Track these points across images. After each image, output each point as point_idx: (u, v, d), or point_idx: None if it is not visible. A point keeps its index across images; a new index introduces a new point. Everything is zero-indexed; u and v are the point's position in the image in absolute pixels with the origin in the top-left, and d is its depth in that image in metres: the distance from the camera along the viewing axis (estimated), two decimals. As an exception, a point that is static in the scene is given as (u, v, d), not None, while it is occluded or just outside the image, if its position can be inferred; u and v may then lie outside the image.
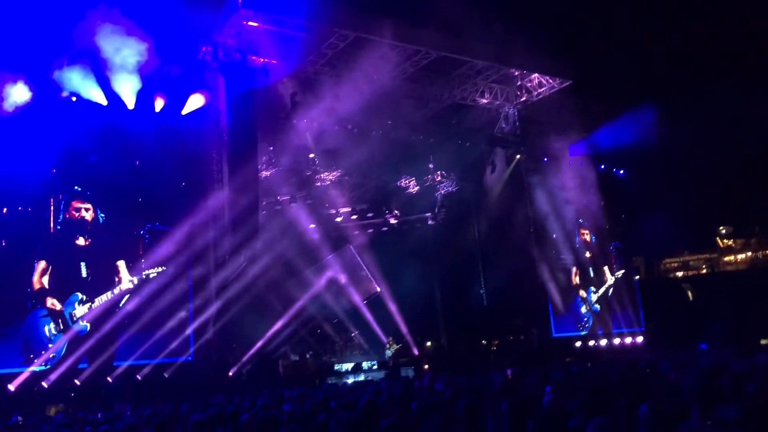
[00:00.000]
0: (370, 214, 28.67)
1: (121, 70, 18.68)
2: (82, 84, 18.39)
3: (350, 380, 21.56)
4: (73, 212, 18.24)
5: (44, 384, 16.66)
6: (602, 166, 30.30)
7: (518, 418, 4.17)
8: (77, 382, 17.12)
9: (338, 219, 27.57)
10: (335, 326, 27.12)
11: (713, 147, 27.34)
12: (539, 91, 26.57)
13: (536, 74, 26.15)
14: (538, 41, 23.94)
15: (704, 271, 39.83)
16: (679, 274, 39.34)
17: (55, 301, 17.61)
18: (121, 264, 18.77)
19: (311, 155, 24.84)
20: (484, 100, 26.62)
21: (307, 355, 25.17)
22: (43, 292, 17.51)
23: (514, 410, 4.26)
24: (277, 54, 21.26)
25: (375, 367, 24.09)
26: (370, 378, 21.38)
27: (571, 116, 27.98)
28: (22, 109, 17.37)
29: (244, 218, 19.97)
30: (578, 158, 28.66)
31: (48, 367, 16.97)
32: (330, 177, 26.11)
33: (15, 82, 17.40)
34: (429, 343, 28.72)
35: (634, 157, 29.00)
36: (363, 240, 28.21)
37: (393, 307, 26.44)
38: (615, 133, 28.03)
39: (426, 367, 23.75)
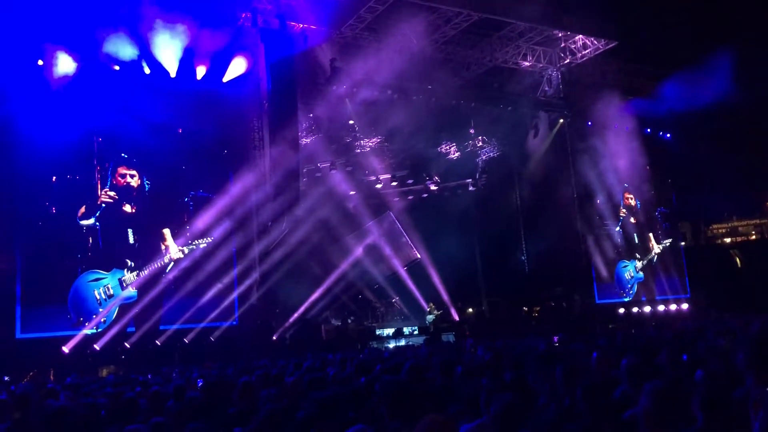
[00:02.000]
0: (410, 181, 28.56)
1: (162, 39, 18.87)
2: (125, 53, 18.61)
3: (391, 345, 21.78)
4: (119, 178, 18.62)
5: (96, 347, 17.23)
6: (648, 130, 29.54)
7: (569, 383, 4.14)
8: (127, 345, 17.66)
9: (378, 185, 27.55)
10: (376, 292, 27.31)
11: (763, 108, 26.36)
12: (583, 53, 25.87)
13: (580, 35, 25.42)
14: (583, 1, 23.26)
15: (753, 237, 38.72)
16: (727, 240, 38.35)
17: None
18: (167, 232, 19.15)
19: (351, 121, 24.76)
20: (527, 63, 26.06)
21: (349, 320, 25.46)
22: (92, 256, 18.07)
23: (567, 375, 4.23)
24: (315, 19, 21.12)
25: (416, 332, 24.25)
26: (411, 343, 21.56)
27: (616, 79, 27.29)
28: (68, 80, 17.71)
29: (286, 185, 20.15)
30: (623, 121, 27.96)
31: (99, 330, 17.53)
32: (370, 143, 26.04)
33: (60, 53, 17.70)
34: (470, 310, 28.74)
35: (681, 119, 28.15)
36: (403, 206, 28.20)
37: (433, 274, 26.47)
38: (661, 95, 27.22)
39: (467, 333, 23.81)
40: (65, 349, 16.87)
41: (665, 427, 2.95)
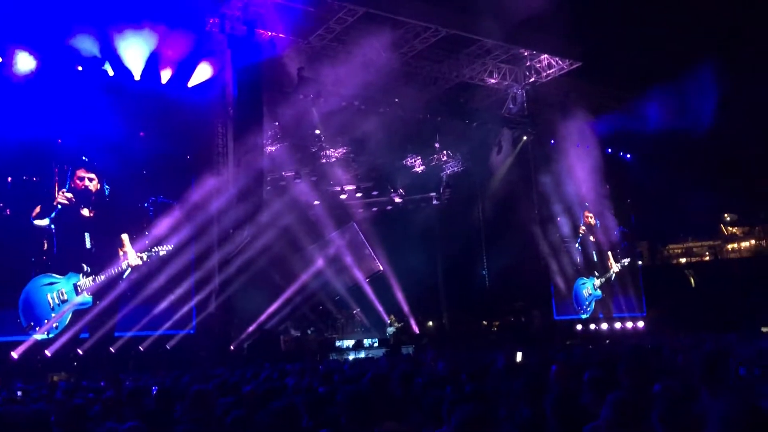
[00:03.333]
0: (374, 192, 28.61)
1: (128, 41, 18.60)
2: (88, 54, 18.27)
3: (351, 357, 21.67)
4: (78, 181, 18.20)
5: (47, 353, 16.75)
6: (609, 150, 30.14)
7: (533, 395, 4.17)
8: (80, 351, 17.21)
9: (343, 196, 27.51)
10: (337, 303, 27.18)
11: (720, 133, 27.16)
12: (548, 72, 26.31)
13: (545, 55, 25.88)
14: (549, 21, 23.65)
15: (707, 258, 39.76)
16: (683, 260, 39.30)
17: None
18: (125, 237, 18.77)
19: (317, 131, 24.70)
20: (493, 80, 26.38)
21: (309, 331, 25.25)
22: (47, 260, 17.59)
23: (528, 387, 4.26)
24: (284, 28, 21.07)
25: (376, 344, 24.20)
26: (370, 355, 21.48)
27: (579, 99, 27.79)
28: (28, 79, 17.27)
29: (249, 193, 19.96)
30: (585, 141, 28.46)
31: (51, 336, 17.05)
32: (335, 154, 26.00)
33: (21, 51, 17.28)
34: (430, 323, 28.80)
35: (642, 141, 28.81)
36: (367, 218, 28.20)
37: (395, 286, 26.47)
38: (623, 116, 27.83)
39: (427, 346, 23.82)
40: (14, 354, 16.35)
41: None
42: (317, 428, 4.43)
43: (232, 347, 20.13)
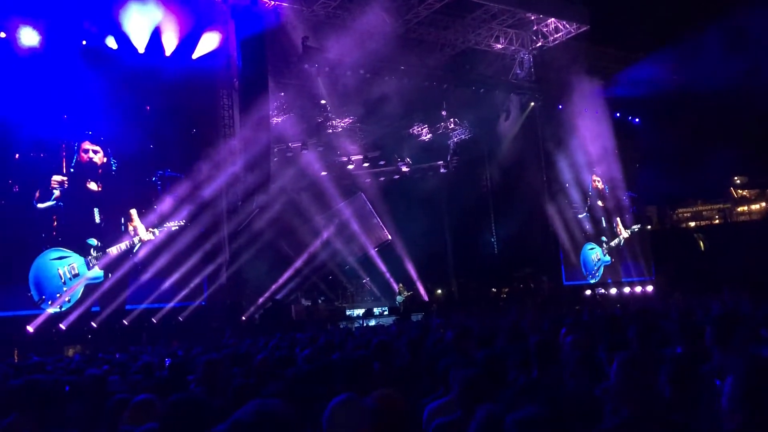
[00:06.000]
0: (381, 162, 28.53)
1: (131, 13, 18.45)
2: (92, 28, 18.16)
3: (358, 325, 21.84)
4: (83, 154, 18.21)
5: (62, 326, 16.97)
6: (617, 114, 29.84)
7: (544, 357, 4.22)
8: (94, 324, 17.41)
9: (350, 166, 27.46)
10: (346, 273, 27.31)
11: (730, 95, 26.81)
12: (555, 36, 25.96)
13: (552, 19, 25.50)
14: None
15: (717, 221, 39.59)
16: (692, 224, 39.14)
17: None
18: (134, 212, 18.83)
19: (323, 101, 24.56)
20: (499, 46, 26.06)
21: (319, 300, 25.46)
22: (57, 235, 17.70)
23: (540, 349, 4.30)
24: (287, -4, 20.84)
25: (386, 312, 24.36)
26: (380, 323, 21.64)
27: (587, 63, 27.42)
28: (34, 54, 17.20)
29: (256, 164, 19.95)
30: (593, 105, 28.17)
31: (63, 309, 17.24)
32: (342, 124, 25.89)
33: (24, 25, 17.18)
34: (439, 290, 28.93)
35: (650, 104, 28.49)
36: (374, 187, 28.17)
37: (404, 255, 26.55)
38: (631, 80, 27.50)
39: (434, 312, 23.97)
40: (30, 328, 16.57)
41: (636, 396, 2.99)
42: (328, 395, 4.48)
43: (244, 317, 20.31)
